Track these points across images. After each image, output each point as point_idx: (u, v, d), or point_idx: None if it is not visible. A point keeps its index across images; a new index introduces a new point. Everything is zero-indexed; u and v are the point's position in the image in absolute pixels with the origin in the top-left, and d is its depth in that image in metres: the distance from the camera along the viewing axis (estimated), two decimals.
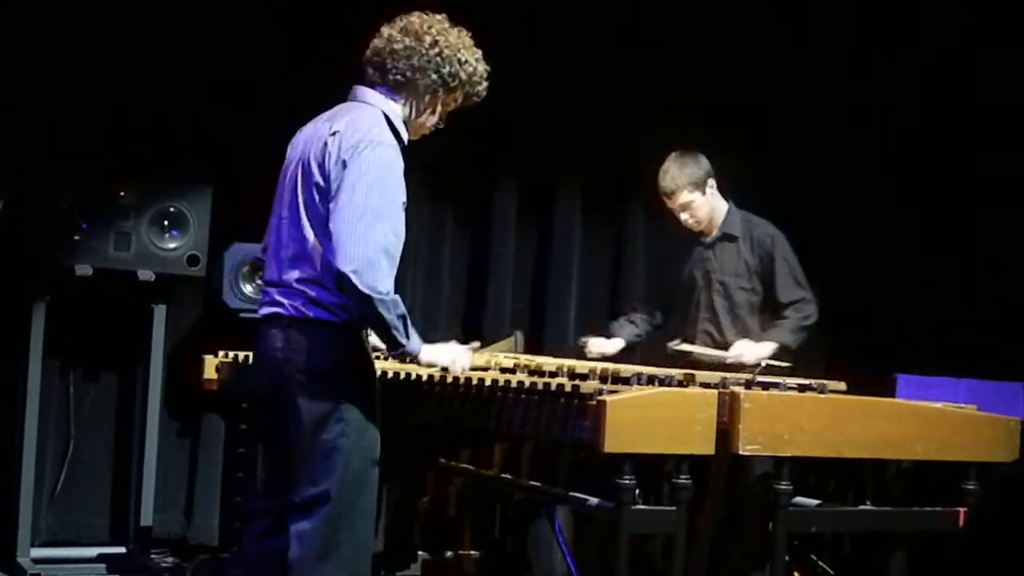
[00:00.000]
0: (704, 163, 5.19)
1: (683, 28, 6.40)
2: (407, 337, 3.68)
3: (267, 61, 5.71)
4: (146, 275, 5.43)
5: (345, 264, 3.51)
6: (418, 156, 6.02)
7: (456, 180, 6.28)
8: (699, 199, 5.16)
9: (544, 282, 6.41)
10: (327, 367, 3.65)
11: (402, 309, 3.64)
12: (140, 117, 5.58)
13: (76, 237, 5.30)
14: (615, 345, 5.30)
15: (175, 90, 5.62)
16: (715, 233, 5.25)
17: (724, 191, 5.27)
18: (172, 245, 5.48)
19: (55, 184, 5.31)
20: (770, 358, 4.88)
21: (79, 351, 5.70)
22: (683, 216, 5.21)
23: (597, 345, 5.28)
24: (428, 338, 4.40)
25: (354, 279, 3.51)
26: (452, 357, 3.92)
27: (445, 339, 4.94)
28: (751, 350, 4.99)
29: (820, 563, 4.30)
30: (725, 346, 5.14)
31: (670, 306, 5.45)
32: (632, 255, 6.48)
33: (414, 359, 3.84)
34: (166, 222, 5.47)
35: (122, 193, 5.40)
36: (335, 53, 4.23)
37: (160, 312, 5.63)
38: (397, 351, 3.74)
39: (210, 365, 5.04)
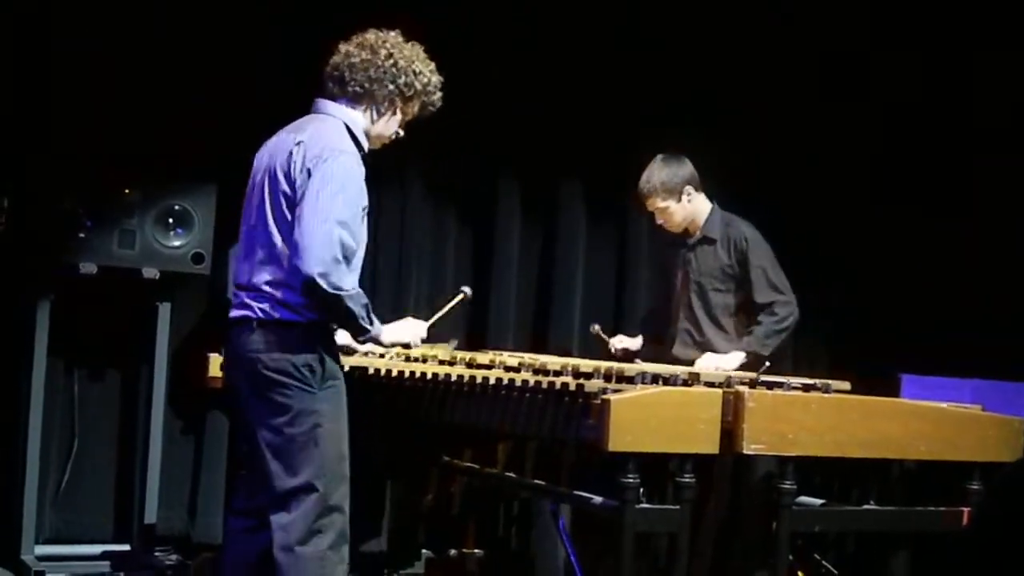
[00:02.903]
0: (684, 170, 5.23)
1: (684, 28, 6.39)
2: (371, 324, 3.91)
3: (268, 60, 5.71)
4: (151, 273, 5.43)
5: (312, 268, 3.71)
6: (420, 158, 6.06)
7: (459, 182, 6.27)
8: (672, 206, 5.22)
9: (548, 283, 6.40)
10: (296, 364, 3.82)
11: (365, 299, 3.86)
12: (144, 116, 5.58)
13: (81, 235, 5.30)
14: (638, 343, 5.33)
15: (179, 89, 5.62)
16: (697, 235, 5.30)
17: (711, 192, 5.31)
18: (177, 243, 5.47)
19: (59, 182, 5.31)
20: (739, 368, 4.91)
21: (83, 349, 5.69)
22: (658, 220, 5.31)
23: (620, 340, 5.34)
24: (430, 338, 4.43)
25: (320, 281, 3.71)
26: (413, 333, 4.18)
27: (447, 340, 4.98)
28: (714, 364, 4.99)
29: (824, 563, 4.30)
30: (704, 345, 5.17)
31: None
32: (636, 255, 6.47)
33: (377, 342, 4.06)
34: (171, 220, 5.46)
35: (127, 191, 5.40)
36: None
37: (165, 310, 5.63)
38: (363, 337, 3.97)
39: (214, 363, 5.05)
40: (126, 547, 5.68)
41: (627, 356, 5.28)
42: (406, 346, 4.24)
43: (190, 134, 5.59)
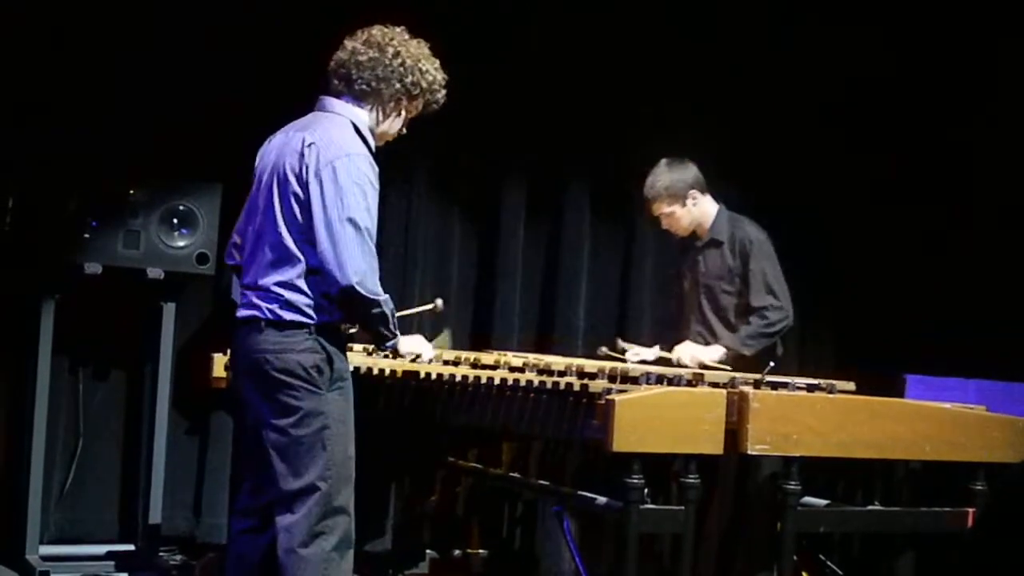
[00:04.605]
0: (689, 174, 5.20)
1: (689, 26, 6.40)
2: (395, 333, 3.92)
3: (270, 60, 5.71)
4: (155, 273, 5.43)
5: (350, 278, 3.73)
6: (426, 157, 6.06)
7: (464, 181, 6.27)
8: (678, 211, 5.20)
9: (553, 282, 6.40)
10: (304, 365, 3.81)
11: (392, 305, 3.89)
12: (149, 116, 5.59)
13: (85, 235, 5.31)
14: (654, 353, 5.28)
15: (183, 89, 5.63)
16: (705, 238, 5.28)
17: (716, 194, 5.29)
18: (181, 243, 5.48)
19: (64, 182, 5.32)
20: (718, 361, 4.91)
21: (88, 349, 5.70)
22: (663, 225, 5.28)
23: (635, 352, 5.26)
24: (434, 338, 4.44)
25: (360, 290, 3.74)
26: (425, 346, 4.28)
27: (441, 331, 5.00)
28: (691, 353, 5.01)
29: (828, 563, 4.30)
30: None
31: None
32: (641, 255, 6.47)
33: (396, 351, 4.12)
34: (175, 220, 5.47)
35: (131, 191, 5.40)
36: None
37: (169, 310, 5.64)
38: (386, 345, 3.97)
39: (219, 363, 5.04)
40: (131, 547, 5.68)
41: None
42: (417, 357, 4.31)
43: (194, 134, 5.60)
